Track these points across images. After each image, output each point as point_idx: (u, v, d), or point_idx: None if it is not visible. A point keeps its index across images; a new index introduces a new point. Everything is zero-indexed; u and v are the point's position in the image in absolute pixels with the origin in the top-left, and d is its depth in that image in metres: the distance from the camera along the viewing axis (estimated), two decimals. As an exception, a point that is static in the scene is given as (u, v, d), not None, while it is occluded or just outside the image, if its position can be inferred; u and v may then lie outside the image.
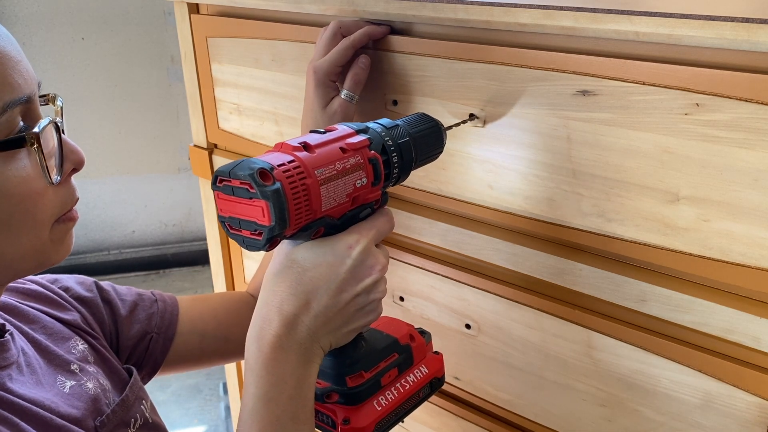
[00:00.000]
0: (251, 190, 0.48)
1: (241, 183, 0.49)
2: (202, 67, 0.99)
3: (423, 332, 0.68)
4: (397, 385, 0.63)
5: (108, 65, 2.99)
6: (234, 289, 1.14)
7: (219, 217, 0.52)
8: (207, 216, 1.10)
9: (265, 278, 0.57)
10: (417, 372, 0.65)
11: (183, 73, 1.03)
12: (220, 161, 1.02)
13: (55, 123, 0.55)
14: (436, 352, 0.69)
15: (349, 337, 0.58)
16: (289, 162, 0.50)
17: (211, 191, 0.52)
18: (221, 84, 0.97)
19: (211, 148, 1.04)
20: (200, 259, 3.28)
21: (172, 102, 3.10)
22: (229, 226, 0.52)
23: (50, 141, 0.55)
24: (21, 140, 0.51)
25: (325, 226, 0.54)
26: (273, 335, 0.54)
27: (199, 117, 1.03)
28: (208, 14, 0.96)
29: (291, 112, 0.89)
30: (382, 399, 0.61)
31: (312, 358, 0.55)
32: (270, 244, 0.50)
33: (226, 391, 2.30)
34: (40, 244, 0.55)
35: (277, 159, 0.50)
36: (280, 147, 0.52)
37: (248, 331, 0.56)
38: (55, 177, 0.54)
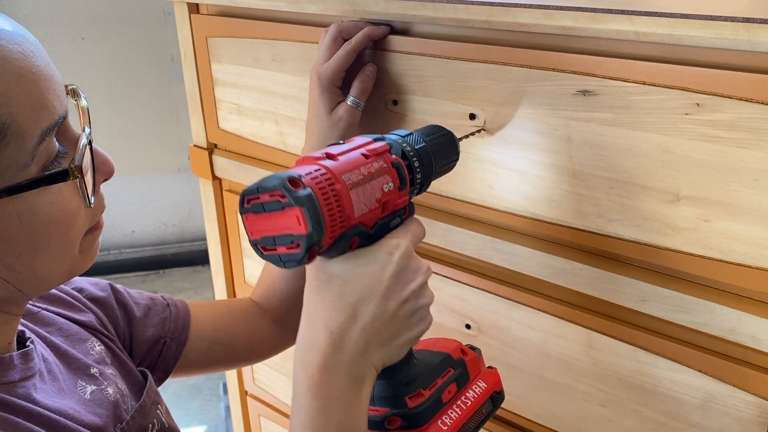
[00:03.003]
0: (283, 200, 0.47)
1: (270, 195, 0.47)
2: (202, 67, 0.99)
3: (473, 348, 0.65)
4: (459, 402, 0.60)
5: (108, 65, 2.98)
6: (234, 289, 1.14)
7: (251, 241, 0.50)
8: (207, 216, 1.10)
9: (305, 299, 0.54)
10: (476, 387, 0.62)
11: (183, 73, 1.03)
12: (220, 161, 1.02)
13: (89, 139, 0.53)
14: (490, 367, 0.66)
15: (402, 351, 0.55)
16: (316, 170, 0.49)
17: (239, 212, 0.50)
18: (221, 84, 0.97)
19: (211, 148, 1.04)
20: (200, 259, 3.27)
21: (172, 102, 3.10)
22: (262, 248, 0.50)
23: (86, 160, 0.52)
24: (65, 174, 0.50)
25: (359, 236, 0.52)
26: (320, 355, 0.51)
27: (199, 117, 1.03)
28: (208, 14, 0.96)
29: (291, 112, 0.89)
30: (446, 418, 0.58)
31: (363, 379, 0.52)
32: (309, 254, 0.48)
33: (226, 391, 2.30)
34: (71, 259, 0.54)
35: (302, 170, 0.49)
36: (303, 160, 0.51)
37: (294, 355, 0.53)
38: (92, 198, 0.53)
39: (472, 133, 0.70)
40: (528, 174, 0.69)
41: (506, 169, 0.70)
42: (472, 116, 0.70)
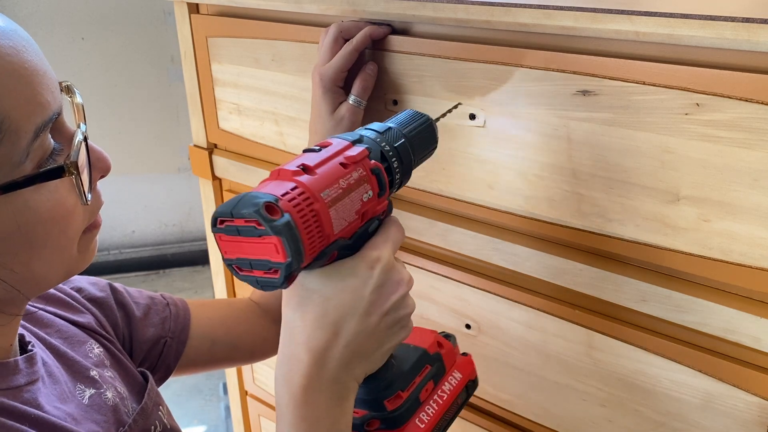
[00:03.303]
0: (259, 228, 0.44)
1: (246, 221, 0.45)
2: (202, 67, 0.99)
3: (448, 336, 0.65)
4: (435, 397, 0.60)
5: (108, 65, 2.98)
6: (234, 289, 1.14)
7: (225, 260, 0.48)
8: (207, 216, 1.10)
9: (283, 313, 0.54)
10: (451, 379, 0.63)
11: (183, 73, 1.03)
12: (220, 161, 1.02)
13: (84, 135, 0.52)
14: (464, 354, 0.66)
15: (382, 360, 0.55)
16: (293, 189, 0.46)
17: (211, 231, 0.48)
18: (221, 84, 0.97)
19: (211, 148, 1.04)
20: (200, 259, 3.27)
21: (172, 102, 3.10)
22: (237, 268, 0.48)
23: (82, 157, 0.52)
24: (60, 170, 0.49)
25: (338, 249, 0.51)
26: (303, 375, 0.51)
27: (198, 117, 1.03)
28: (208, 14, 0.96)
29: (291, 112, 0.89)
30: (423, 415, 0.58)
31: (346, 393, 0.52)
32: (288, 280, 0.46)
33: (226, 391, 2.30)
34: (69, 258, 0.54)
35: (278, 188, 0.46)
36: (278, 174, 0.48)
37: (276, 372, 0.53)
38: (88, 195, 0.52)
39: (450, 110, 0.67)
40: (528, 174, 0.69)
41: (506, 169, 0.70)
42: (472, 116, 0.70)
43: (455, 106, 0.68)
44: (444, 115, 0.67)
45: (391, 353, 0.57)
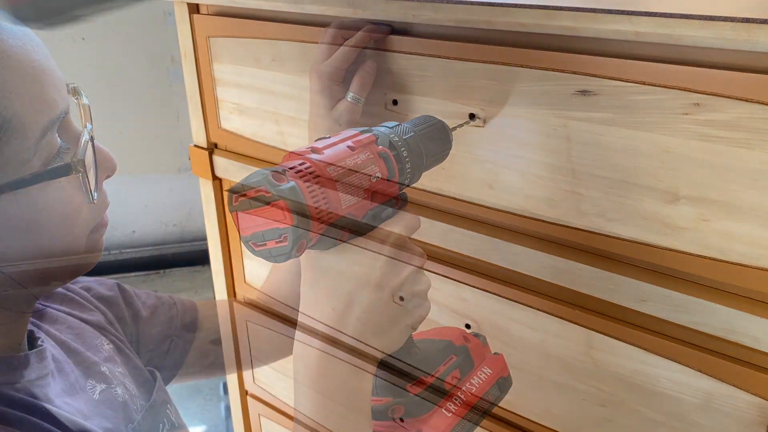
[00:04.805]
0: (267, 195, 0.48)
1: (256, 191, 0.48)
2: (202, 67, 0.99)
3: (477, 335, 0.66)
4: (463, 388, 0.60)
5: (108, 65, 2.98)
6: (234, 289, 1.14)
7: (242, 239, 0.51)
8: (207, 216, 1.10)
9: (301, 292, 0.55)
10: (480, 373, 0.63)
11: (183, 73, 1.03)
12: (221, 161, 1.02)
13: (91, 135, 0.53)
14: (496, 353, 0.66)
15: (401, 338, 0.55)
16: (300, 164, 0.50)
17: (229, 210, 0.51)
18: (222, 84, 0.97)
19: (212, 148, 1.04)
20: (200, 259, 3.27)
21: (172, 102, 3.10)
22: (253, 245, 0.50)
23: (89, 156, 0.53)
24: (67, 168, 0.50)
25: (350, 227, 0.53)
26: (317, 346, 0.52)
27: (199, 117, 1.03)
28: (208, 14, 0.96)
29: (291, 111, 0.89)
30: (450, 405, 0.58)
31: (362, 368, 0.53)
32: (297, 247, 0.49)
33: (226, 391, 2.30)
34: (77, 257, 0.54)
35: (287, 164, 0.50)
36: (289, 156, 0.52)
37: (294, 348, 0.54)
38: (95, 194, 0.53)
39: (466, 122, 0.70)
40: (528, 174, 0.69)
41: (506, 168, 0.70)
42: (472, 116, 0.70)
43: (467, 122, 0.70)
44: (460, 125, 0.69)
45: (413, 339, 0.57)
